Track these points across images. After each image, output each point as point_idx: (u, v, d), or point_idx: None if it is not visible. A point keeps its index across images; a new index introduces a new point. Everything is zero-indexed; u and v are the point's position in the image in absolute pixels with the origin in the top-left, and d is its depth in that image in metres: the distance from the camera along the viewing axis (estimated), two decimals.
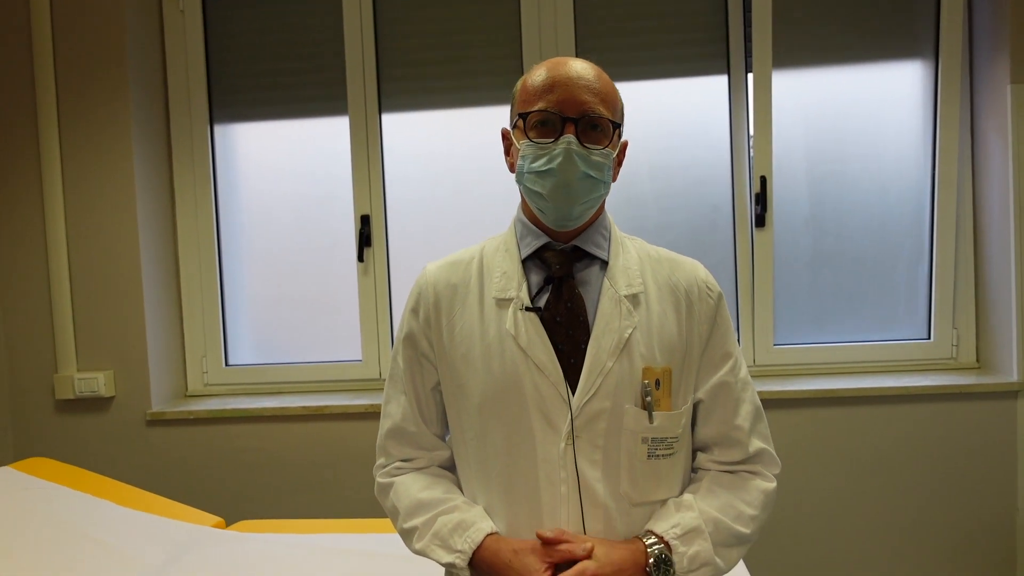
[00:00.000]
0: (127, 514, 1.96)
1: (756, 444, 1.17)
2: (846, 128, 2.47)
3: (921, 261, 2.48)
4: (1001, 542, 2.30)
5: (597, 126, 1.10)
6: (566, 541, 1.07)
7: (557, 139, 1.09)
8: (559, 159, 1.08)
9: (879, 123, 2.46)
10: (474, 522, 1.12)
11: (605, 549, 1.07)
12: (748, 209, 2.47)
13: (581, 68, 1.12)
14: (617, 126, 1.13)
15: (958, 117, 2.38)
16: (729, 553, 1.12)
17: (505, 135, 1.19)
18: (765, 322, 2.47)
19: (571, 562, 1.05)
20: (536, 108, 1.10)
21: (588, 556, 1.06)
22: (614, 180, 1.17)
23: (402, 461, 1.24)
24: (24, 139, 2.44)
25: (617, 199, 2.50)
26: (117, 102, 2.41)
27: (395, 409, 1.23)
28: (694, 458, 1.22)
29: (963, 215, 2.42)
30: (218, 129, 2.64)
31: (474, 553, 1.10)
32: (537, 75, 1.13)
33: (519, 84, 1.16)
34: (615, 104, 1.14)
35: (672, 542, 1.08)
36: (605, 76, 1.14)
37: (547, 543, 1.08)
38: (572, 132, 1.08)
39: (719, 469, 1.18)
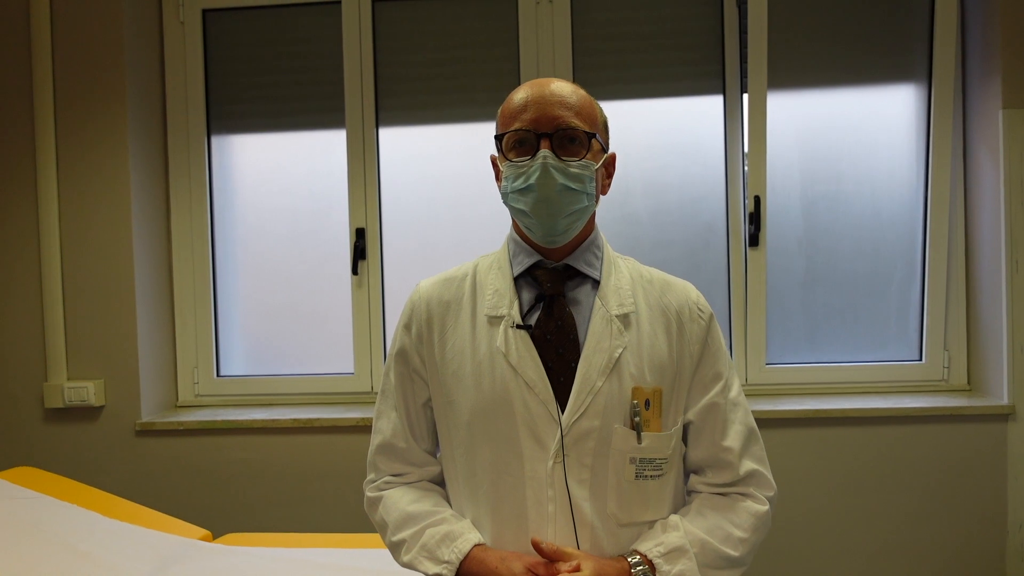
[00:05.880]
0: (113, 526, 1.94)
1: (748, 465, 1.17)
2: (840, 150, 2.48)
3: (913, 283, 2.49)
4: (991, 565, 2.30)
5: (573, 139, 1.11)
6: (560, 558, 1.08)
7: (534, 156, 1.10)
8: (536, 174, 1.09)
9: (872, 145, 2.48)
10: (462, 533, 1.13)
11: (593, 565, 1.07)
12: (742, 228, 2.48)
13: (555, 86, 1.13)
14: (592, 136, 1.13)
15: (950, 140, 2.40)
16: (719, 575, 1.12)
17: (493, 161, 1.21)
18: (757, 341, 2.48)
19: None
20: (511, 129, 1.12)
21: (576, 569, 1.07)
22: (604, 193, 1.18)
23: (392, 476, 1.24)
24: (20, 146, 2.44)
25: (612, 217, 2.51)
26: (114, 110, 2.42)
27: (385, 425, 1.23)
28: (688, 480, 1.22)
29: (955, 238, 2.44)
30: (215, 140, 2.64)
31: (461, 564, 1.10)
32: (513, 98, 1.15)
33: (500, 110, 1.18)
34: (592, 117, 1.14)
35: (655, 560, 1.08)
36: (582, 91, 1.15)
37: (540, 553, 1.08)
38: (547, 147, 1.10)
39: (711, 491, 1.19)
